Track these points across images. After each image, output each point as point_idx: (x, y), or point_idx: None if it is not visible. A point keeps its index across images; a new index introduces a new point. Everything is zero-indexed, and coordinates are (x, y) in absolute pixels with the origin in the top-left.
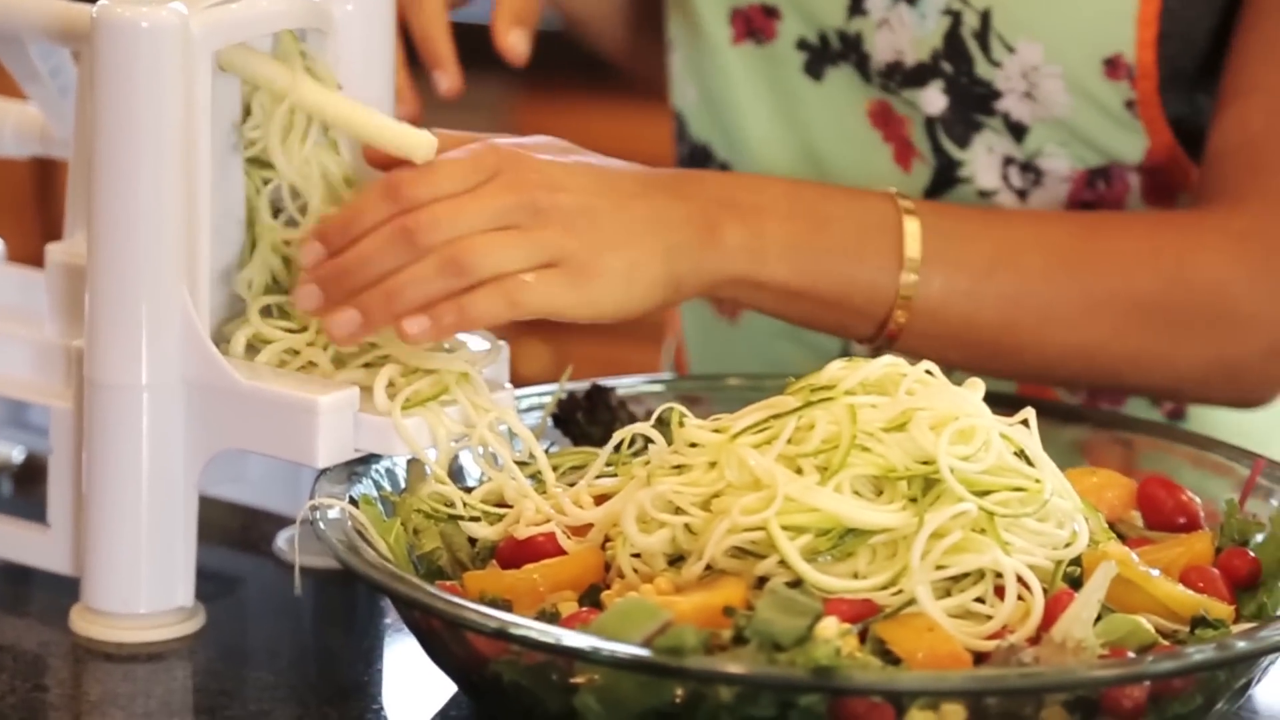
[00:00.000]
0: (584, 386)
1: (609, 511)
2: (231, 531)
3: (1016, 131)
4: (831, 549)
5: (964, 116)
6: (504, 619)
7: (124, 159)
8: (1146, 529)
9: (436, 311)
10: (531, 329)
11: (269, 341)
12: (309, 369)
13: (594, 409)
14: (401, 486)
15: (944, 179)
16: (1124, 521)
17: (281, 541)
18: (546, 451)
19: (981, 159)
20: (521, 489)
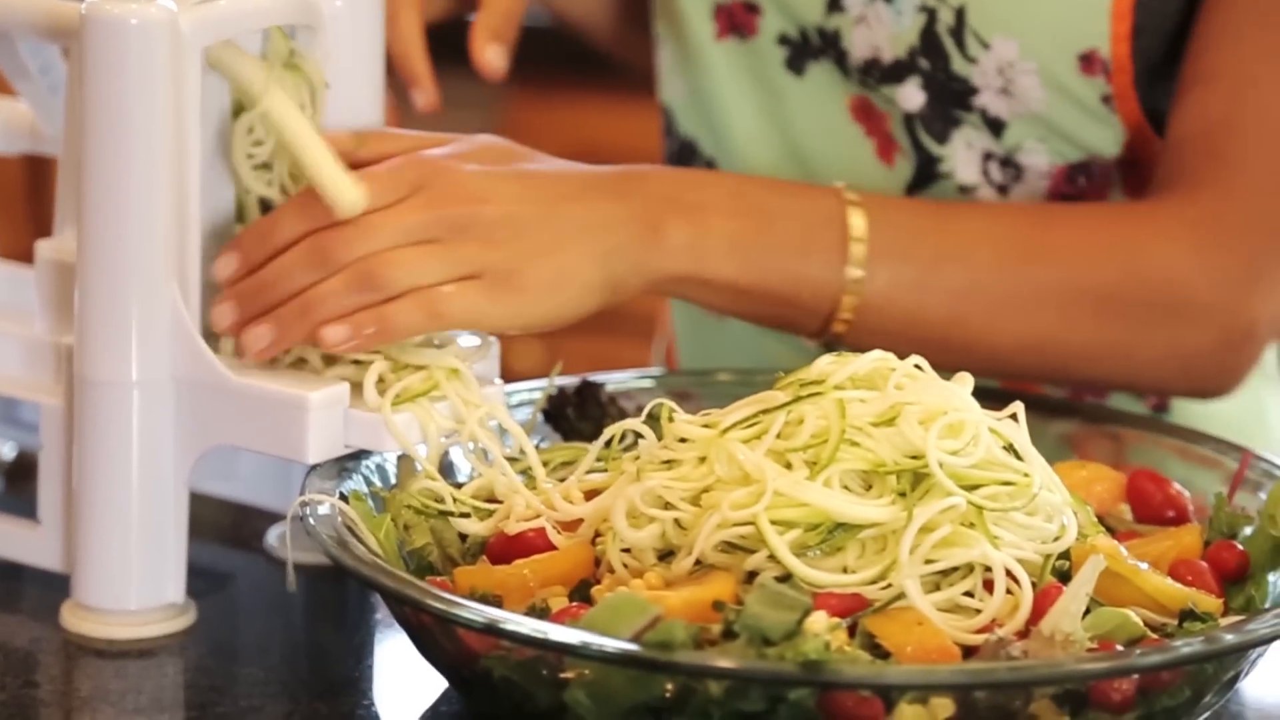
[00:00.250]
0: (574, 382)
1: (599, 507)
2: (222, 528)
3: (995, 127)
4: (821, 543)
5: (942, 113)
6: (494, 614)
7: (114, 156)
8: (1135, 522)
9: (357, 320)
10: None
11: None
12: (299, 365)
13: (584, 405)
14: (392, 482)
15: (925, 174)
16: (1113, 515)
17: (272, 538)
18: (537, 447)
19: (961, 154)
20: (512, 484)
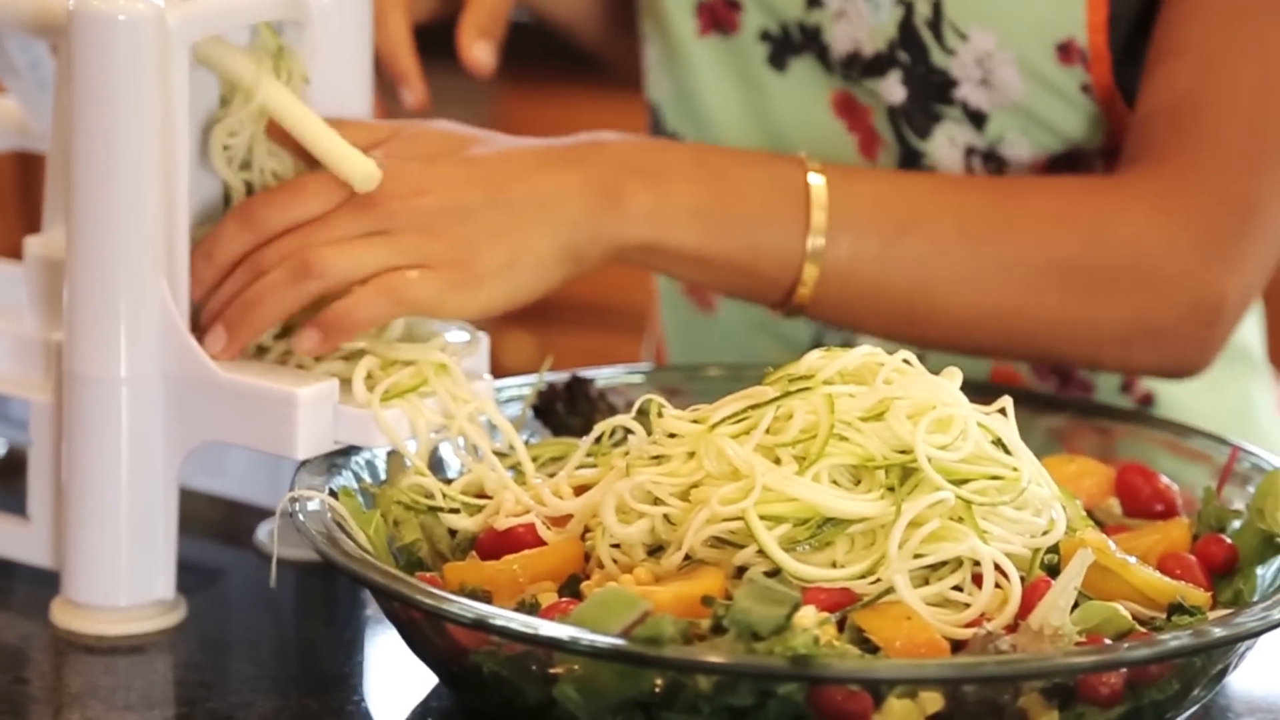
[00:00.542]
0: (564, 378)
1: (588, 502)
2: (212, 524)
3: (976, 120)
4: (809, 538)
5: (923, 107)
6: (483, 610)
7: (102, 152)
8: (1124, 516)
9: (321, 322)
10: (515, 320)
11: None
12: (287, 360)
13: (574, 400)
14: (381, 478)
15: (909, 168)
16: (1102, 509)
17: (262, 534)
18: (526, 442)
19: (944, 150)
20: (501, 480)
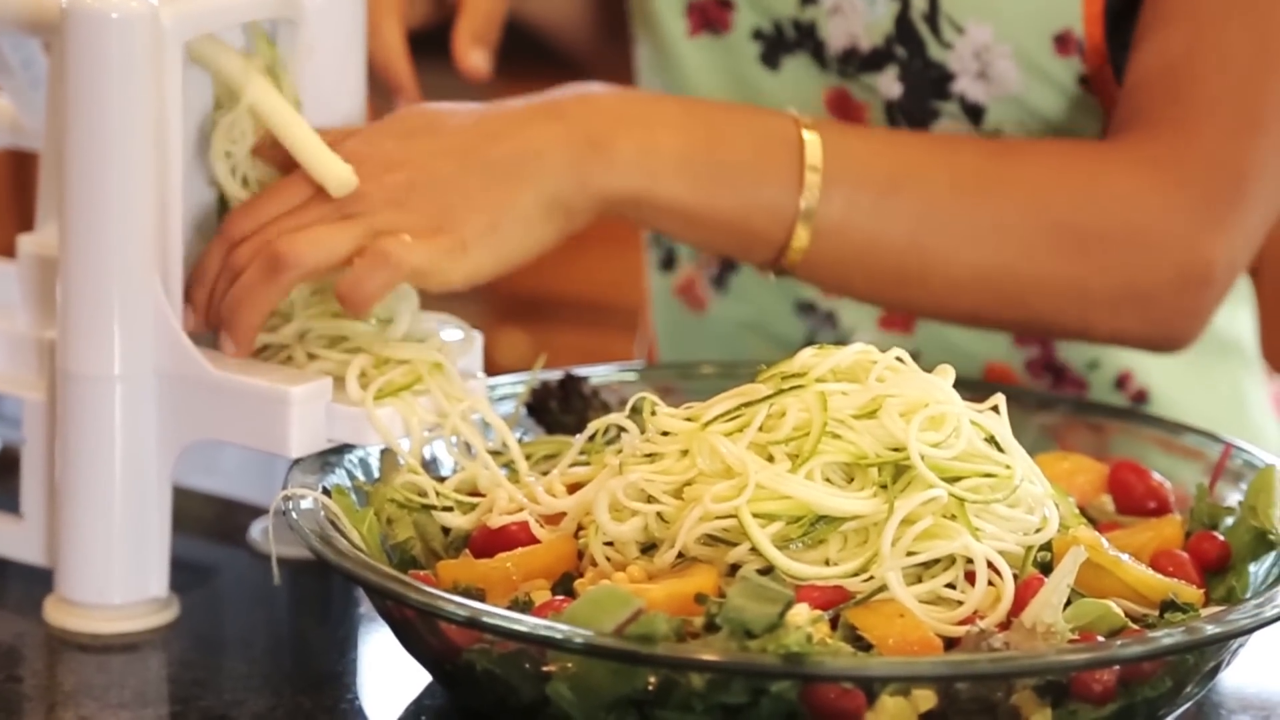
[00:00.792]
0: (557, 376)
1: (581, 500)
2: (206, 522)
3: (974, 114)
4: (803, 536)
5: (921, 103)
6: (476, 608)
7: (95, 150)
8: (1117, 513)
9: (339, 297)
10: (509, 317)
11: None
12: (280, 358)
13: (567, 398)
14: (375, 476)
15: None
16: (1094, 506)
17: (256, 532)
18: (520, 441)
19: None
20: (495, 478)
